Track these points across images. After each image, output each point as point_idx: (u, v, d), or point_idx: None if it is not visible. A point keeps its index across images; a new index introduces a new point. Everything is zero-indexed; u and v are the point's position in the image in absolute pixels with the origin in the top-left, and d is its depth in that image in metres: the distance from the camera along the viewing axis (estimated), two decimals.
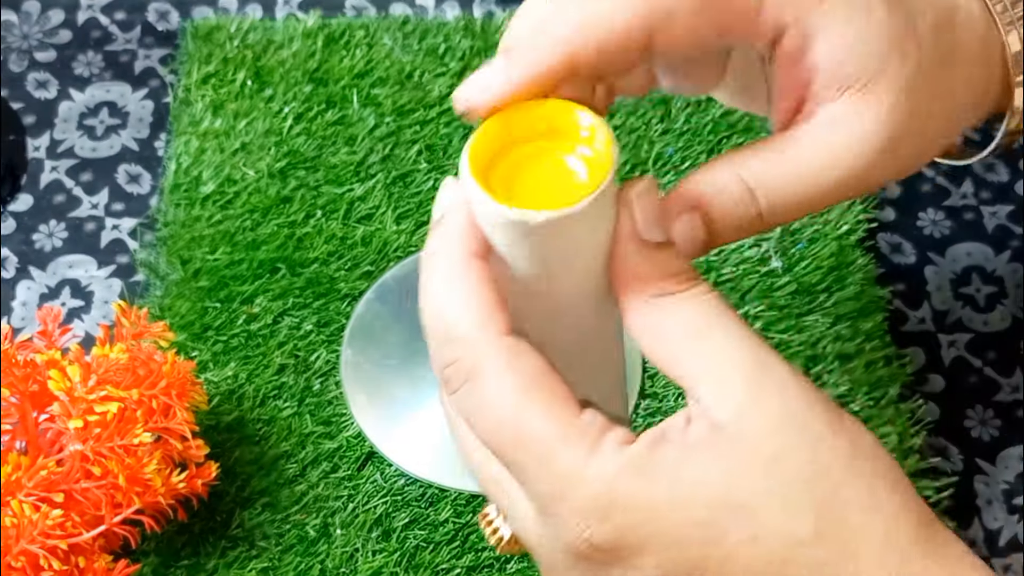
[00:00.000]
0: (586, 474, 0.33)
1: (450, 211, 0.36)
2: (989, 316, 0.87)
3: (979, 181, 0.94)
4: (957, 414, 0.83)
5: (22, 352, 0.69)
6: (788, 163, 0.38)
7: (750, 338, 0.35)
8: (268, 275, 0.86)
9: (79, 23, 1.03)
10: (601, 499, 0.33)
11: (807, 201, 0.39)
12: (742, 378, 0.34)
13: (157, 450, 0.68)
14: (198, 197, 0.90)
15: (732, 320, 0.36)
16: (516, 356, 0.34)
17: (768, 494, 0.33)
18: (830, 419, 0.34)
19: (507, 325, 0.35)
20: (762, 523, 0.32)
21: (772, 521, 0.32)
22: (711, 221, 0.38)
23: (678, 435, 0.34)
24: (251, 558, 0.75)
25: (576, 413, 0.34)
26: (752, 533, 0.32)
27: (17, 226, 0.92)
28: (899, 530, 0.33)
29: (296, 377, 0.82)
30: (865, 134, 0.38)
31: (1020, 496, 0.79)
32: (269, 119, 0.93)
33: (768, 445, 0.33)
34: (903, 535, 0.34)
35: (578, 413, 0.34)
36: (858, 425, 0.35)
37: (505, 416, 0.34)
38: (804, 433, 0.33)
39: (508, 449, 0.34)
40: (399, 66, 0.96)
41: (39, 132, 0.96)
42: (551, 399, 0.34)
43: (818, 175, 0.38)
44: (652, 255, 0.36)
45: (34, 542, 0.62)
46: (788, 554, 0.32)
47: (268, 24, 0.99)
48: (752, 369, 0.34)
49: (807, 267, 0.85)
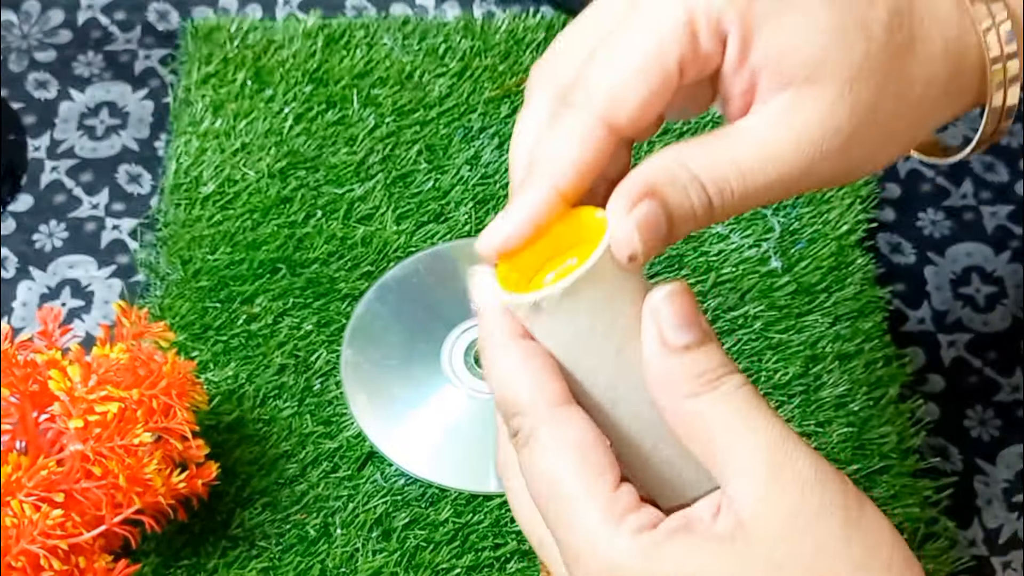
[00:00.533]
0: (599, 545, 0.35)
1: (484, 299, 0.38)
2: (989, 316, 0.87)
3: (979, 181, 0.94)
4: (957, 414, 0.83)
5: (22, 352, 0.69)
6: (731, 156, 0.38)
7: (777, 430, 0.35)
8: (268, 275, 0.86)
9: (79, 23, 1.03)
10: (604, 573, 0.35)
11: (754, 194, 0.39)
12: (764, 474, 0.34)
13: (157, 450, 0.68)
14: (198, 197, 0.90)
15: (762, 413, 0.36)
16: (566, 423, 0.36)
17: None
18: (846, 519, 0.34)
19: (560, 395, 0.37)
20: None
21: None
22: (668, 210, 0.38)
23: (702, 526, 0.35)
24: (251, 558, 0.75)
25: (611, 485, 0.35)
26: None
27: (17, 226, 0.92)
28: None
29: (296, 377, 0.82)
30: (806, 126, 0.37)
31: (1020, 494, 0.79)
32: (269, 119, 0.93)
33: (777, 550, 0.33)
34: None
35: (614, 485, 0.35)
36: (878, 520, 0.35)
37: (546, 473, 0.36)
38: (812, 537, 0.33)
39: (543, 502, 0.36)
40: (399, 66, 0.96)
41: (39, 132, 0.97)
42: (589, 466, 0.36)
43: (760, 169, 0.38)
44: (682, 358, 0.36)
45: (34, 542, 0.62)
46: None
47: (268, 24, 0.99)
48: (772, 465, 0.34)
49: (807, 267, 0.85)
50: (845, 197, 0.90)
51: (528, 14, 1.00)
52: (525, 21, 0.99)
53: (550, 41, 1.07)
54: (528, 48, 0.98)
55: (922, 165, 0.95)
